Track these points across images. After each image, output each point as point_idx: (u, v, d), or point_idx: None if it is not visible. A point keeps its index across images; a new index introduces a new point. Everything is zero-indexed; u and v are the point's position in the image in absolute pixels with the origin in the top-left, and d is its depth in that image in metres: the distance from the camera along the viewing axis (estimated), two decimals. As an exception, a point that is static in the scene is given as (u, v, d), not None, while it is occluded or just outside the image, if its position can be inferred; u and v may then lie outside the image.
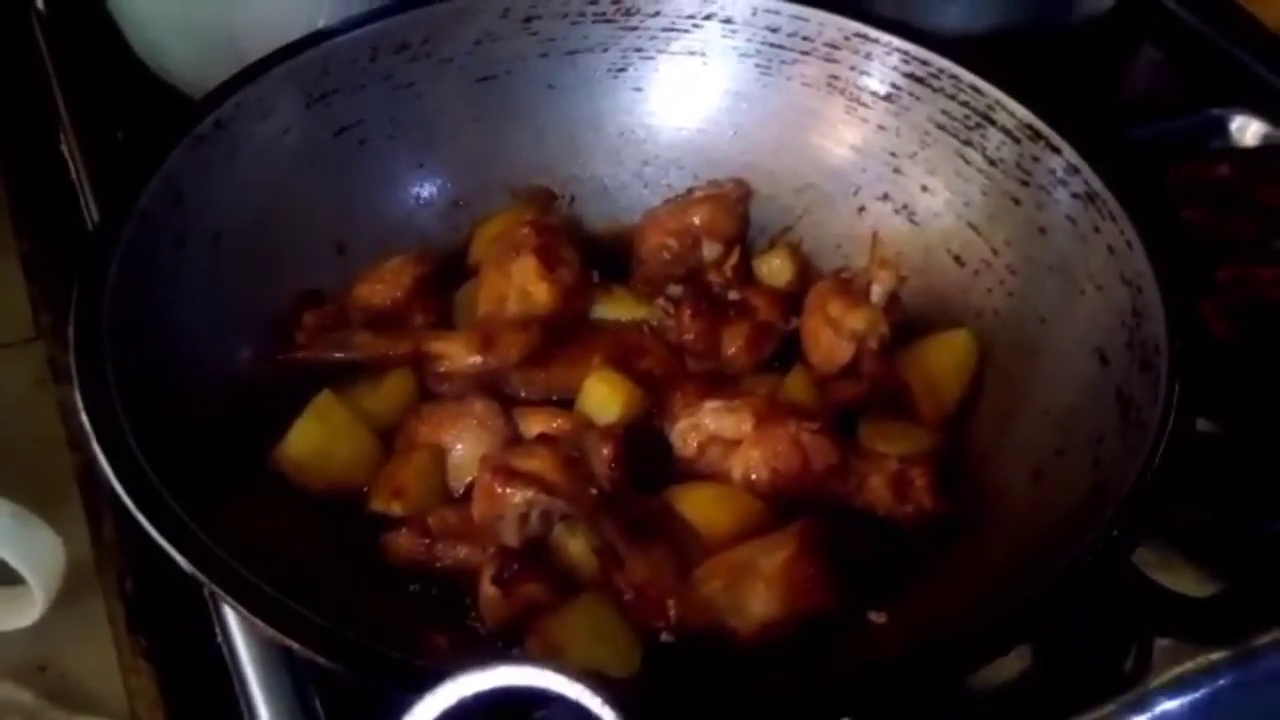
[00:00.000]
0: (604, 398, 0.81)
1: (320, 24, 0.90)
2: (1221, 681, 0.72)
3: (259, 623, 0.60)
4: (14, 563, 0.77)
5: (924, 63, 0.89)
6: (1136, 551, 0.72)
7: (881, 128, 0.92)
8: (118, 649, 0.78)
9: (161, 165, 0.79)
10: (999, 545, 0.72)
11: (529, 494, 0.72)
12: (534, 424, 0.81)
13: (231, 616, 0.72)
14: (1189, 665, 0.72)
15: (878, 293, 0.85)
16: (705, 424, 0.80)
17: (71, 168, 1.04)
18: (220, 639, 0.73)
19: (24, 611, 0.79)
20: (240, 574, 0.61)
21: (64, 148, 1.06)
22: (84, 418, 0.67)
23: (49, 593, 0.78)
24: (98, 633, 0.79)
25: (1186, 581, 0.77)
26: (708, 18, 0.94)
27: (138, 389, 0.69)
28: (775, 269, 0.91)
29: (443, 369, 0.83)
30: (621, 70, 0.96)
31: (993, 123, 0.86)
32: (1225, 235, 0.95)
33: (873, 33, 0.91)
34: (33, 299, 0.97)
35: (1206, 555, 0.78)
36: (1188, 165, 1.01)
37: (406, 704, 0.45)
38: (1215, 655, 0.72)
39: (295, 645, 0.59)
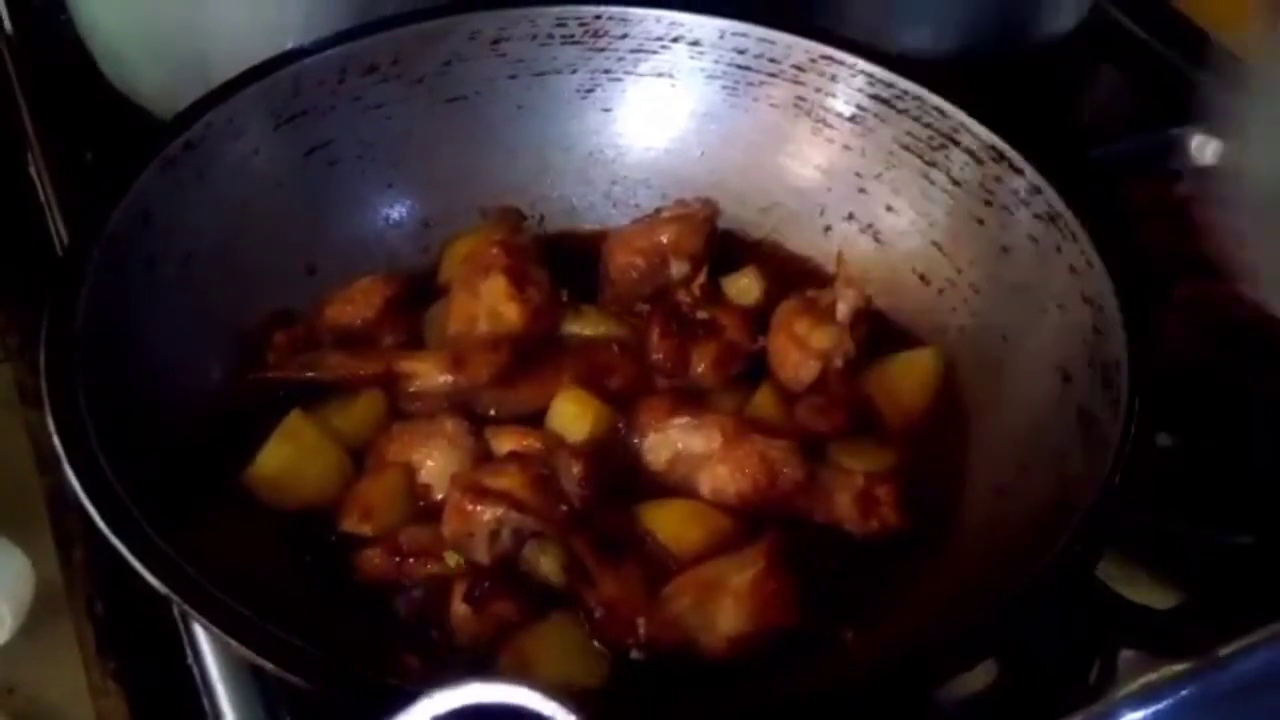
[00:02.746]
0: (573, 416, 0.82)
1: (290, 45, 0.90)
2: (1185, 692, 0.72)
3: (232, 642, 0.60)
4: (-17, 585, 0.77)
5: (889, 85, 0.90)
6: (1100, 564, 0.73)
7: (847, 148, 0.93)
8: (87, 671, 0.77)
9: (131, 187, 0.80)
10: (964, 560, 0.73)
11: (499, 512, 0.73)
12: (504, 442, 0.81)
13: (202, 637, 0.72)
14: (1153, 676, 0.73)
15: (843, 311, 0.86)
16: (674, 440, 0.80)
17: (40, 189, 1.03)
18: (191, 660, 0.73)
19: (-8, 634, 0.79)
20: (213, 594, 0.61)
21: (32, 169, 1.05)
22: (55, 439, 0.67)
23: (18, 615, 0.78)
24: (67, 655, 0.78)
25: (1150, 594, 0.78)
26: (675, 40, 0.95)
27: (108, 410, 0.69)
28: (743, 288, 0.92)
29: (413, 388, 0.84)
30: (590, 91, 0.97)
31: (956, 144, 0.87)
32: (1184, 252, 0.96)
33: (838, 55, 0.92)
34: (1, 321, 0.96)
35: (1169, 568, 0.79)
36: (1148, 184, 1.02)
37: (380, 722, 0.45)
38: (1179, 666, 0.73)
39: (268, 665, 0.59)
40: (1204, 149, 1.10)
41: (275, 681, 0.68)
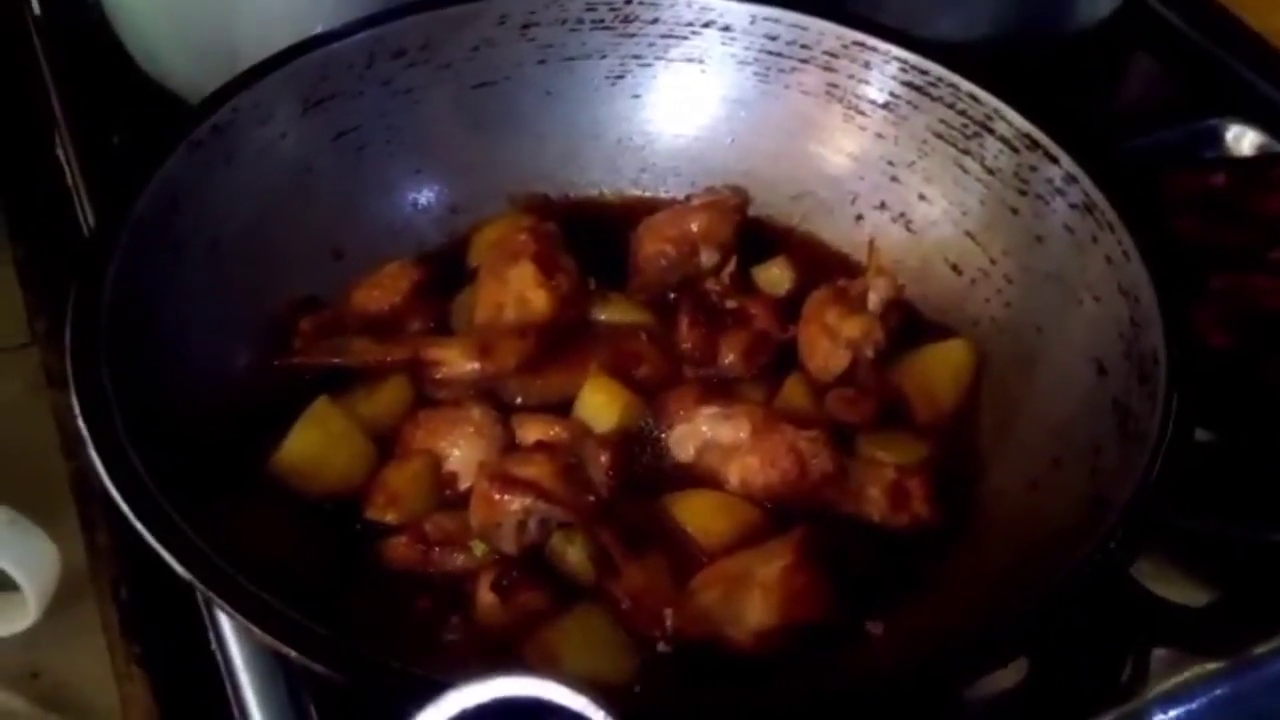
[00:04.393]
0: (601, 406, 0.81)
1: (318, 29, 0.90)
2: (1218, 692, 0.72)
3: (255, 629, 0.60)
4: (8, 569, 0.77)
5: (922, 71, 0.89)
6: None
7: (880, 136, 0.92)
8: (111, 656, 0.77)
9: (158, 170, 0.79)
10: (996, 555, 0.72)
11: (527, 501, 0.72)
12: (531, 431, 0.80)
13: (225, 623, 0.72)
14: (1186, 675, 0.72)
15: (874, 301, 0.85)
16: (702, 430, 0.80)
17: (67, 173, 1.03)
18: (214, 645, 0.73)
19: (17, 618, 0.79)
20: (238, 580, 0.61)
21: (60, 152, 1.05)
22: (80, 423, 0.66)
23: (43, 599, 0.78)
24: (91, 639, 0.78)
25: (1183, 591, 0.77)
26: (706, 25, 0.94)
27: (134, 395, 0.69)
28: (773, 277, 0.91)
29: (440, 375, 0.83)
30: (620, 77, 0.96)
31: (991, 132, 0.86)
32: (1219, 244, 0.95)
33: (871, 41, 0.91)
34: (28, 305, 0.97)
35: (1203, 565, 0.78)
36: (1183, 174, 1.01)
37: (407, 715, 0.45)
38: (1212, 665, 0.72)
39: (292, 653, 0.59)
40: (1241, 139, 1.08)
41: (299, 669, 0.68)
